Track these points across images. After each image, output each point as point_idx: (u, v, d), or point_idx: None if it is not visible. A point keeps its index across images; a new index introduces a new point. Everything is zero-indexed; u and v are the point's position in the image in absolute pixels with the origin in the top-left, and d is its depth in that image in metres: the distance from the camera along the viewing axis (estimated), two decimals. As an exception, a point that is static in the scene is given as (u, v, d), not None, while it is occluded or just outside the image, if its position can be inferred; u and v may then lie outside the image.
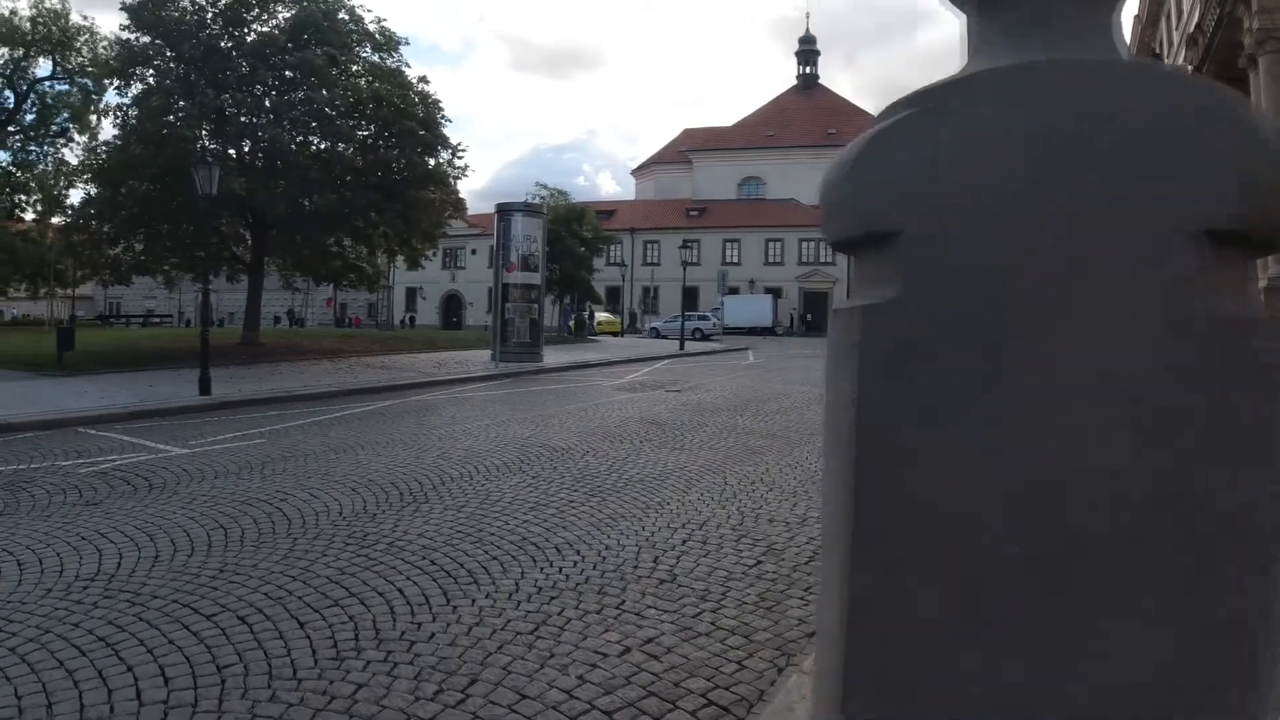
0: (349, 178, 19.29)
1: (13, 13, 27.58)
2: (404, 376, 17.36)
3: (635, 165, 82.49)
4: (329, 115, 19.95)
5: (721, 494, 6.95)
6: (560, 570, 4.91)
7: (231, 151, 19.42)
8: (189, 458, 8.61)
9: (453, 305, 70.59)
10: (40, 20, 27.60)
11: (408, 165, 20.14)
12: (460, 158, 21.79)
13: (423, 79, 21.59)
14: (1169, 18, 32.93)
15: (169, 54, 20.02)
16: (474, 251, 68.85)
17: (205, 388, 13.61)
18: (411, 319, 66.98)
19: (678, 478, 7.58)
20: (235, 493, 6.93)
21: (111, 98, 22.70)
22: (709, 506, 6.51)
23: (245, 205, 19.29)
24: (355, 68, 21.33)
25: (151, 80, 20.48)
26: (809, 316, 61.52)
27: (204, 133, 19.97)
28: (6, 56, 28.24)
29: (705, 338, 45.09)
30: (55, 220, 29.93)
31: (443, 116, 21.38)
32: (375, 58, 21.88)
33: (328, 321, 69.87)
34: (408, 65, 22.30)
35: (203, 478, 7.53)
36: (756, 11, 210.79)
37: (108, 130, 22.34)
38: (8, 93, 29.07)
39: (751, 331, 53.51)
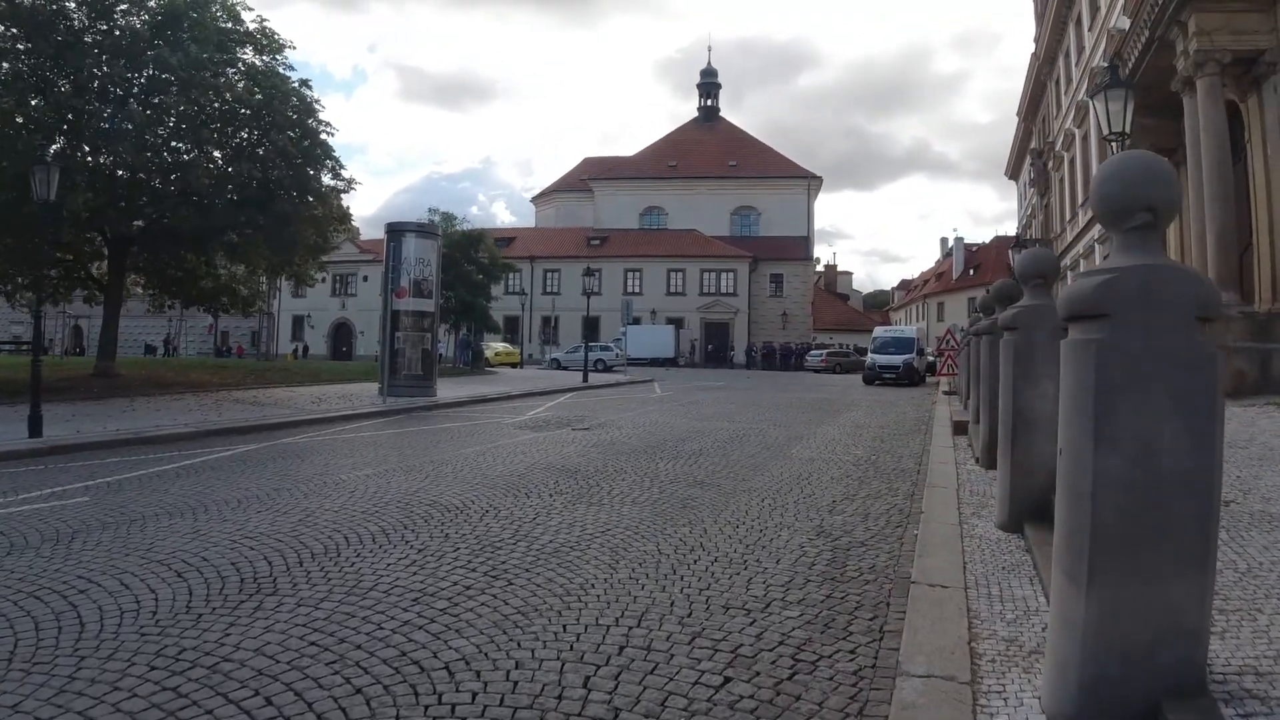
0: (212, 190, 17.21)
1: None
2: (277, 414, 15.43)
3: (533, 194, 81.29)
4: (200, 121, 17.90)
5: (657, 569, 5.59)
6: (453, 712, 3.45)
7: (89, 159, 17.09)
8: (-24, 525, 6.74)
9: (343, 334, 67.48)
10: None
11: (286, 177, 18.19)
12: (344, 168, 20.03)
13: (305, 83, 19.76)
14: (1067, 55, 33.80)
15: (22, 46, 17.59)
16: (365, 278, 66.13)
17: (35, 428, 11.49)
18: (304, 349, 63.50)
19: (600, 546, 6.18)
20: (24, 578, 5.20)
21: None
22: (645, 589, 5.14)
23: (95, 220, 17.06)
24: (232, 70, 19.29)
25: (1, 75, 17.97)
26: (710, 347, 61.13)
27: (59, 137, 17.54)
28: None
29: (608, 369, 43.84)
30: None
31: (325, 127, 19.62)
32: (256, 60, 19.90)
33: (208, 351, 65.71)
34: (291, 68, 20.40)
35: (-20, 557, 5.74)
36: (643, 53, 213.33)
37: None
38: None
39: (654, 362, 52.62)
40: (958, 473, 9.30)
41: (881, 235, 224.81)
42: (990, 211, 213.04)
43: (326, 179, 20.02)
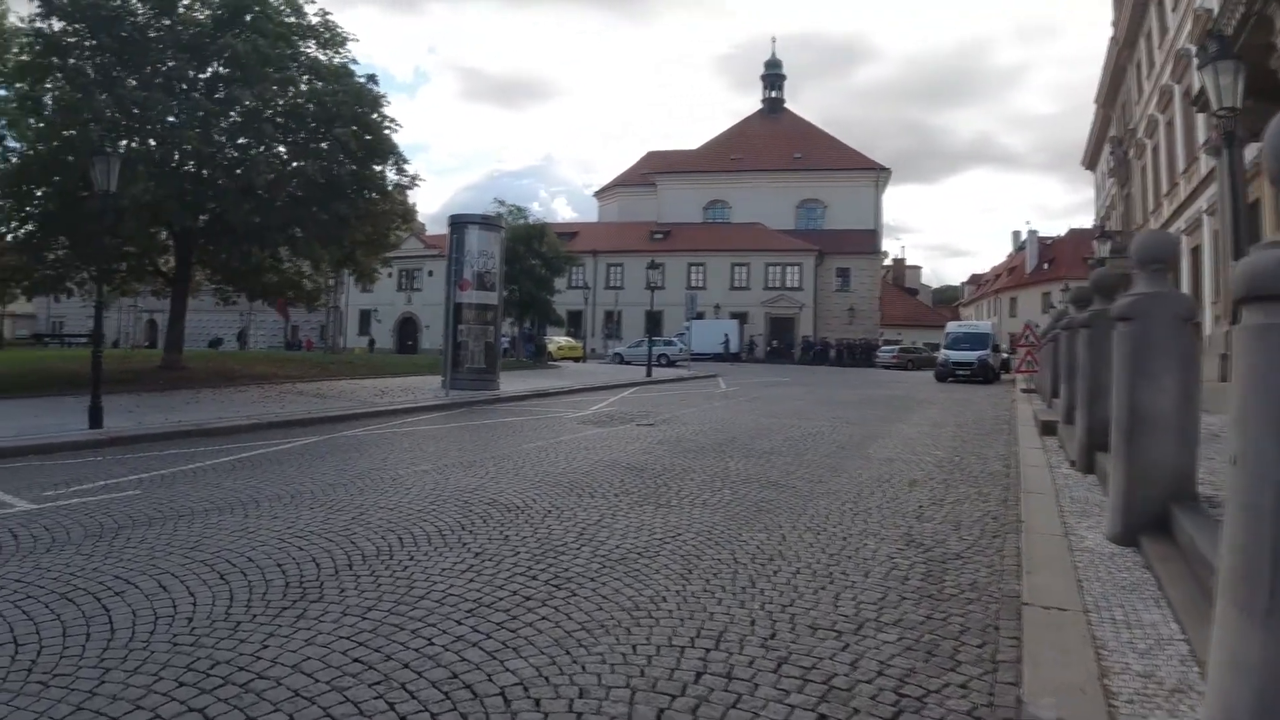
0: (272, 186, 17.15)
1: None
2: (339, 406, 15.31)
3: (594, 190, 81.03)
4: (264, 117, 17.91)
5: (734, 580, 5.08)
6: (508, 751, 3.01)
7: (155, 153, 17.19)
8: (30, 516, 6.57)
9: (408, 328, 68.27)
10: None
11: (347, 174, 18.06)
12: (408, 163, 19.86)
13: (371, 78, 19.68)
14: (1149, 37, 32.18)
15: (89, 43, 17.82)
16: (430, 273, 66.69)
17: (96, 420, 11.47)
18: (371, 343, 64.39)
19: (671, 553, 5.71)
20: (59, 577, 4.94)
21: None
22: (722, 604, 4.64)
23: (159, 213, 17.15)
24: (295, 65, 19.27)
25: (65, 73, 18.24)
26: (774, 343, 60.15)
27: (124, 133, 17.74)
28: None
29: (671, 364, 43.35)
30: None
31: (389, 123, 19.48)
32: (319, 54, 19.88)
33: (279, 345, 67.08)
34: (354, 62, 20.35)
35: (30, 550, 5.53)
36: (700, 50, 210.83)
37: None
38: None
39: (716, 357, 51.93)
40: (1052, 477, 8.58)
41: (945, 229, 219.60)
42: (1059, 204, 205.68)
43: (391, 174, 19.96)
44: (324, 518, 6.60)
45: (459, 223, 19.51)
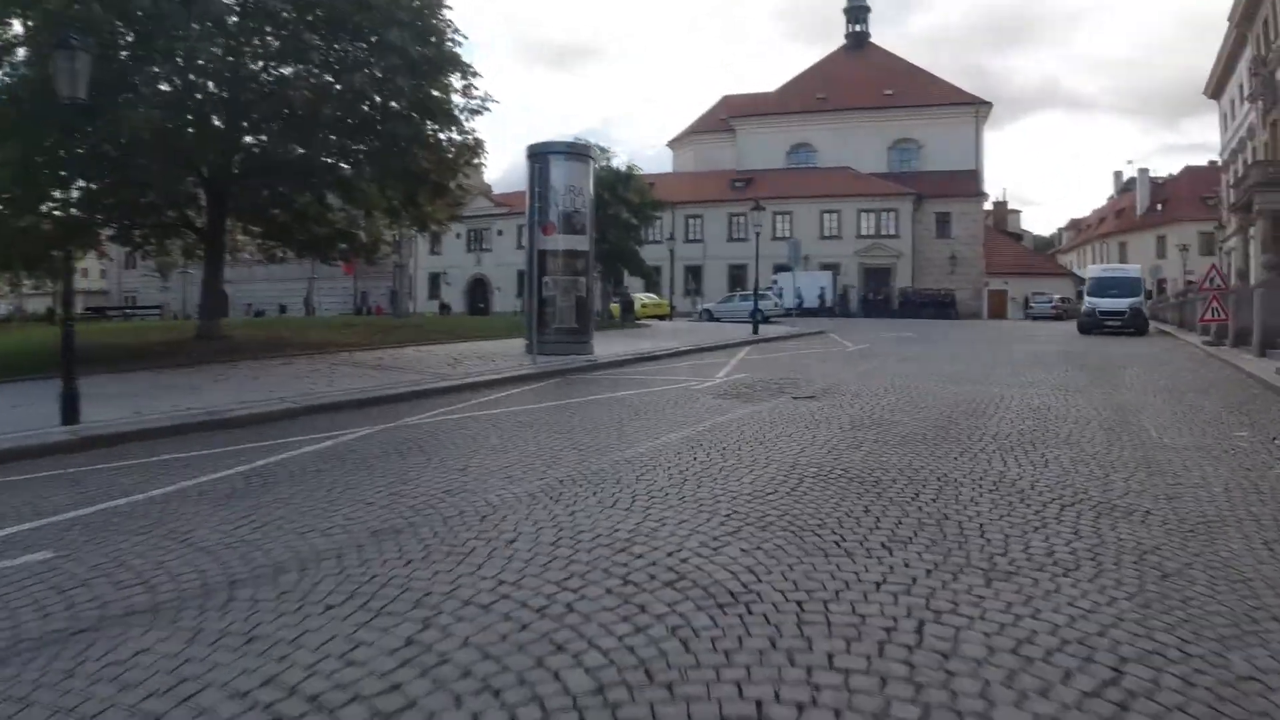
0: (313, 105, 13.65)
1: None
2: (402, 381, 12.01)
3: (668, 140, 76.61)
4: (302, 25, 14.49)
5: None
6: None
7: (164, 71, 13.87)
8: None
9: (479, 290, 65.54)
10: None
11: (402, 89, 14.42)
12: (476, 85, 16.28)
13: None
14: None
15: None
16: (500, 232, 63.80)
17: (70, 413, 8.33)
18: (445, 306, 61.63)
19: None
20: None
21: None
22: None
23: (178, 150, 13.91)
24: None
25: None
26: (869, 295, 55.47)
27: (123, 54, 14.39)
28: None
29: (766, 319, 39.45)
30: None
31: (453, 31, 15.89)
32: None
33: (348, 311, 64.93)
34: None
35: None
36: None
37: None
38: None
39: (805, 312, 47.77)
40: None
41: (1013, 178, 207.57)
42: (1140, 147, 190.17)
43: (456, 99, 16.36)
44: (343, 648, 3.15)
45: (541, 153, 15.94)
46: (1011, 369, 14.80)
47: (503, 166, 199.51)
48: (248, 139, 15.71)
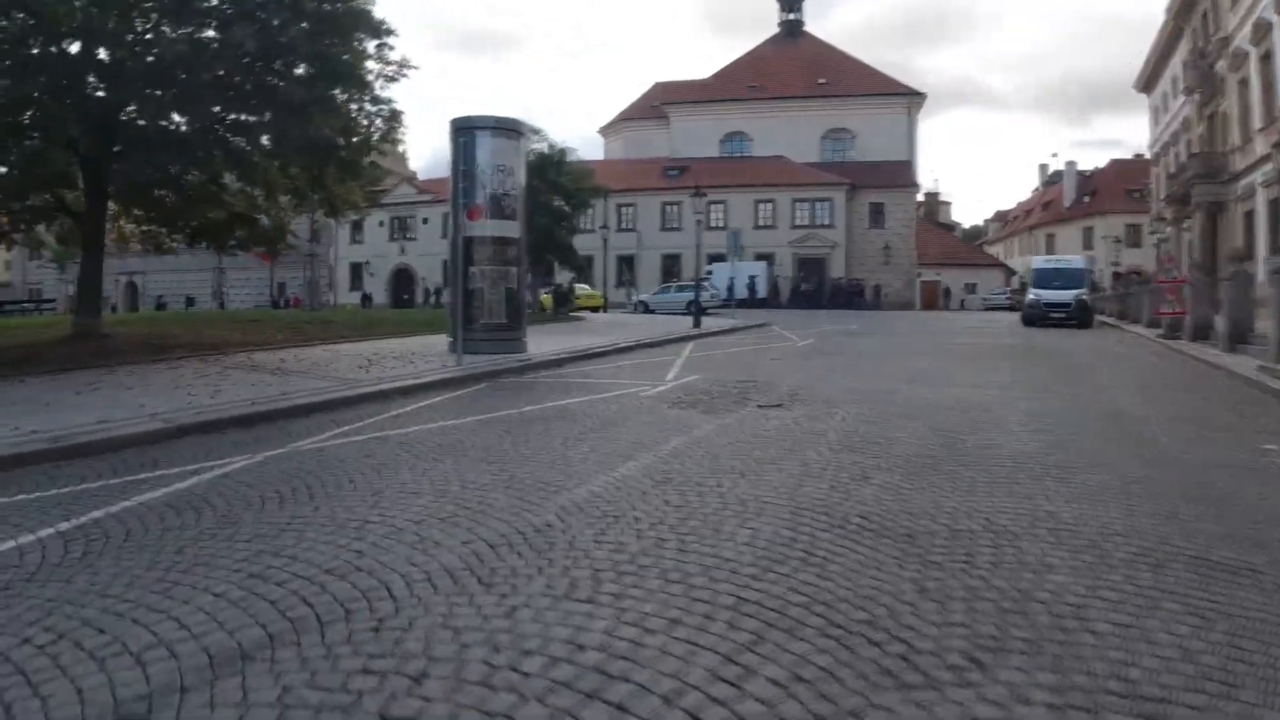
0: (191, 61, 11.66)
1: None
2: (302, 389, 10.27)
3: (599, 127, 74.90)
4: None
5: None
6: None
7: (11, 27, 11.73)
8: None
9: (403, 280, 62.95)
10: None
11: (298, 45, 12.46)
12: (393, 36, 14.37)
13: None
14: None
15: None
16: (425, 220, 61.31)
17: None
18: (366, 298, 58.73)
19: None
20: None
21: None
22: None
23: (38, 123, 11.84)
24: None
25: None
26: (800, 286, 54.78)
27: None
28: None
29: (704, 311, 38.22)
30: None
31: (364, -13, 13.99)
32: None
33: (264, 304, 61.49)
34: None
35: None
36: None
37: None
38: None
39: (740, 303, 46.70)
40: None
41: (939, 170, 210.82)
42: (1049, 143, 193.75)
43: (369, 64, 14.47)
44: None
45: (466, 127, 14.25)
46: (975, 368, 13.76)
47: (423, 155, 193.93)
48: (130, 110, 13.65)
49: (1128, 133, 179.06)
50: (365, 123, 14.62)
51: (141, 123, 13.47)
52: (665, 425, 7.98)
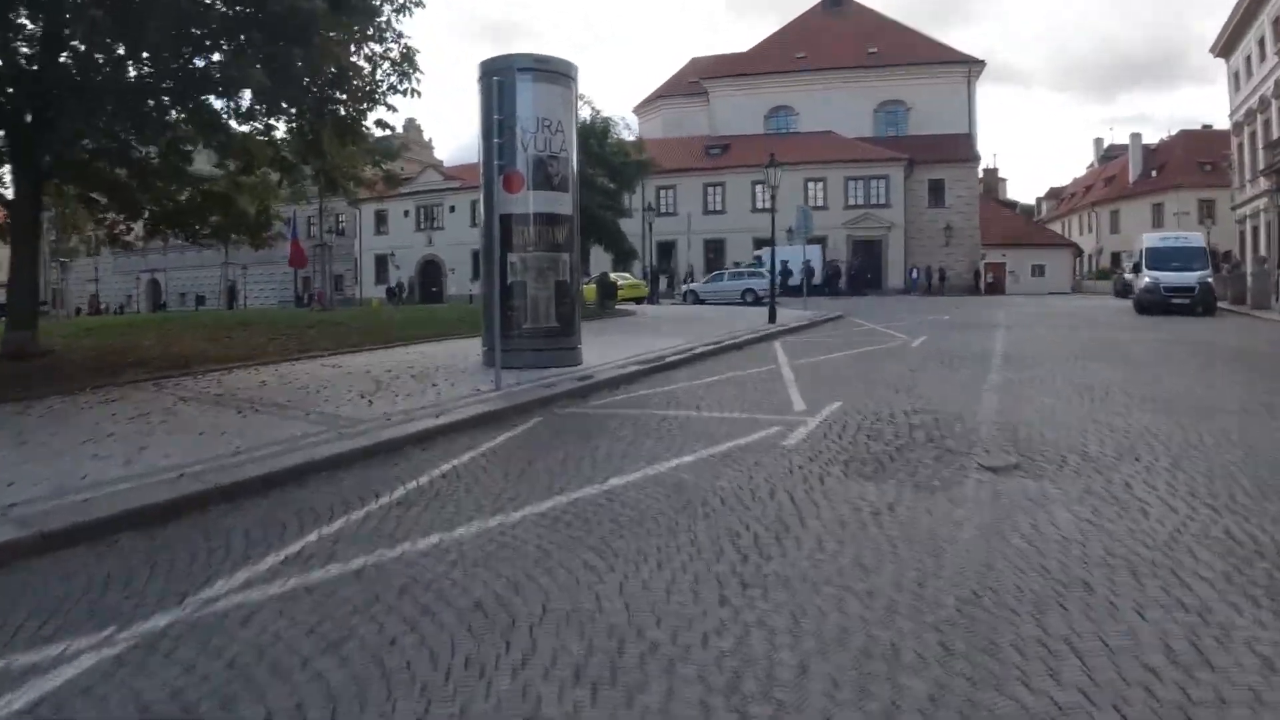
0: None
1: None
2: (267, 440, 6.84)
3: (633, 106, 71.06)
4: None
5: None
6: None
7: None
8: None
9: (431, 273, 59.75)
10: None
11: None
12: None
13: None
14: None
15: None
16: (453, 209, 58.06)
17: None
18: (390, 291, 54.90)
19: None
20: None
21: None
22: None
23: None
24: None
25: None
26: (853, 273, 50.75)
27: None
28: None
29: (759, 300, 34.62)
30: None
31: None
32: None
33: (289, 300, 58.28)
34: None
35: None
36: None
37: None
38: None
39: (789, 290, 42.86)
40: None
41: (992, 147, 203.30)
42: (1076, 120, 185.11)
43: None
44: None
45: (500, 68, 10.76)
46: (1197, 375, 10.13)
47: (443, 146, 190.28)
48: (67, 56, 10.34)
49: (1155, 108, 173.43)
50: (368, 67, 11.09)
51: (74, 68, 10.13)
52: (867, 528, 4.47)
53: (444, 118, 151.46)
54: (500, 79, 9.94)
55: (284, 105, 10.46)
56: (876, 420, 7.49)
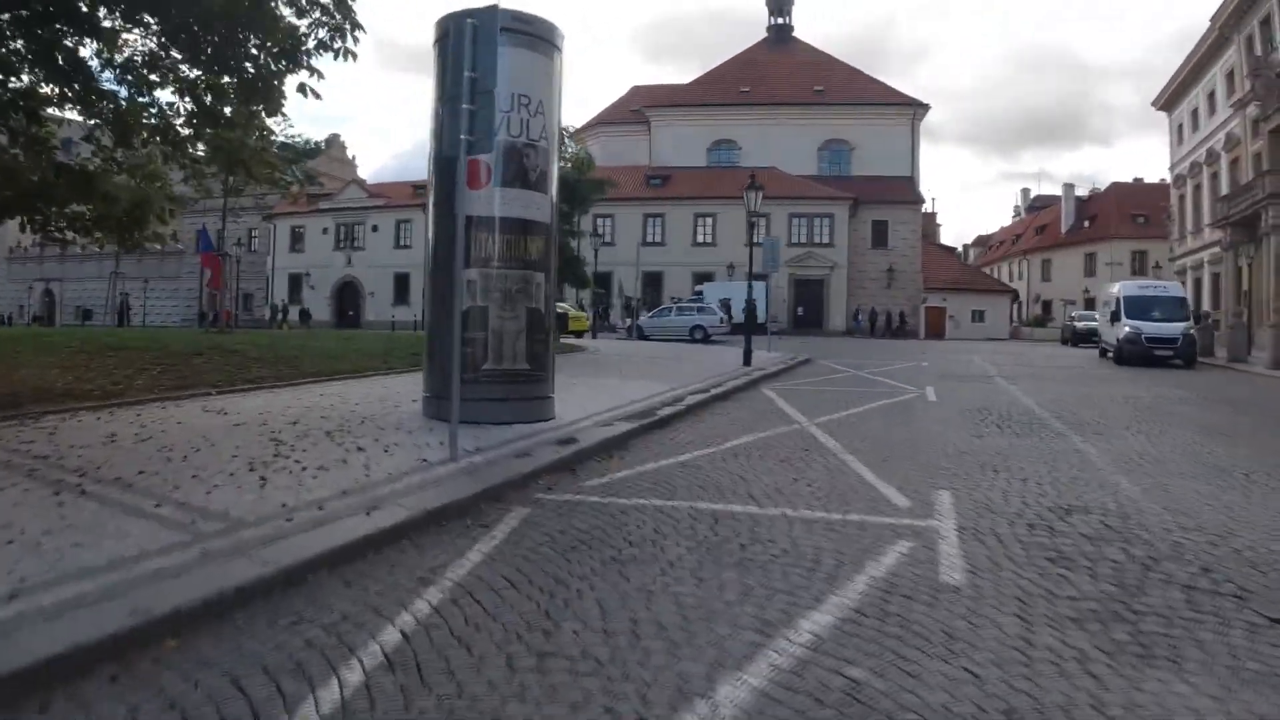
0: None
1: None
2: (79, 560, 4.07)
3: (571, 132, 68.82)
4: None
5: None
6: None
7: None
8: None
9: (349, 295, 56.10)
10: None
11: None
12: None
13: None
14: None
15: None
16: (375, 228, 54.77)
17: None
18: (303, 314, 50.71)
19: None
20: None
21: None
22: None
23: None
24: None
25: None
26: (800, 309, 49.49)
27: None
28: None
29: (707, 338, 32.42)
30: None
31: None
32: None
33: (193, 318, 53.49)
34: None
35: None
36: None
37: None
38: None
39: (736, 329, 40.90)
40: None
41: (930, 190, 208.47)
42: (982, 174, 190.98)
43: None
44: None
45: (460, 20, 8.19)
46: (1193, 430, 8.07)
47: (373, 165, 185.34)
48: None
49: (1056, 166, 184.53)
50: (289, 12, 8.31)
51: None
52: None
53: (366, 144, 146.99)
54: (459, 44, 7.27)
55: (173, 54, 7.65)
56: (1027, 525, 5.10)
